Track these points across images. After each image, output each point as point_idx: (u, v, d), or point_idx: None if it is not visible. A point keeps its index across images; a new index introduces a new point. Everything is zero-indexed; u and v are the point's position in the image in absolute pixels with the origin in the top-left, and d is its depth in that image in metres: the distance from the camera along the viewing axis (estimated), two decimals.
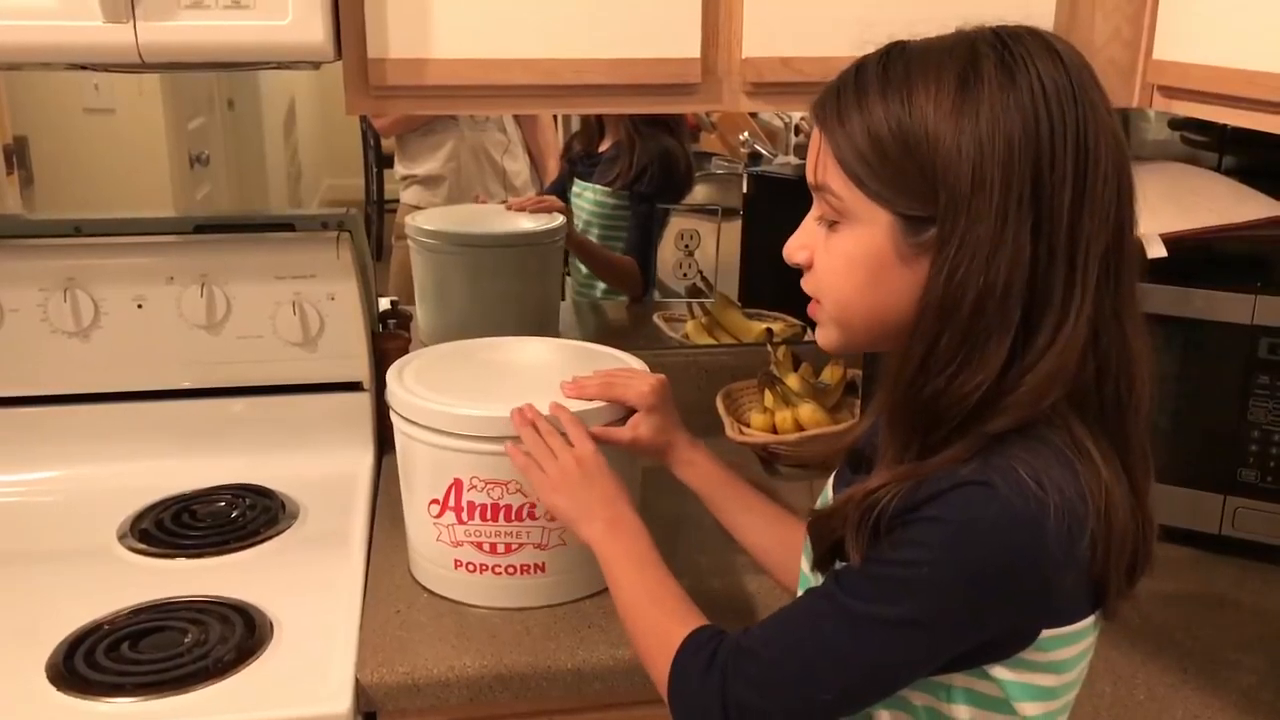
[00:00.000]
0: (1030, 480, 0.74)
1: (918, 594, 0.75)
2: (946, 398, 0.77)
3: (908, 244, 0.79)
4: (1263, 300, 1.30)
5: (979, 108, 0.75)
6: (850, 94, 0.80)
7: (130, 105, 2.42)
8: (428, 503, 1.23)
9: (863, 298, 0.82)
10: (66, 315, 1.50)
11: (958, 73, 0.76)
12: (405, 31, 1.22)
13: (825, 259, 0.84)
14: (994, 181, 0.74)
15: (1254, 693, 1.15)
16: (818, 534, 0.86)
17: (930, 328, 0.77)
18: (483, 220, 2.06)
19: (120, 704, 1.09)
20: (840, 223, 0.82)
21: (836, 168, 0.80)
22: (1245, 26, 1.13)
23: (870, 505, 0.78)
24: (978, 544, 0.74)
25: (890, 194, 0.78)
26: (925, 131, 0.76)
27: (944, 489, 0.75)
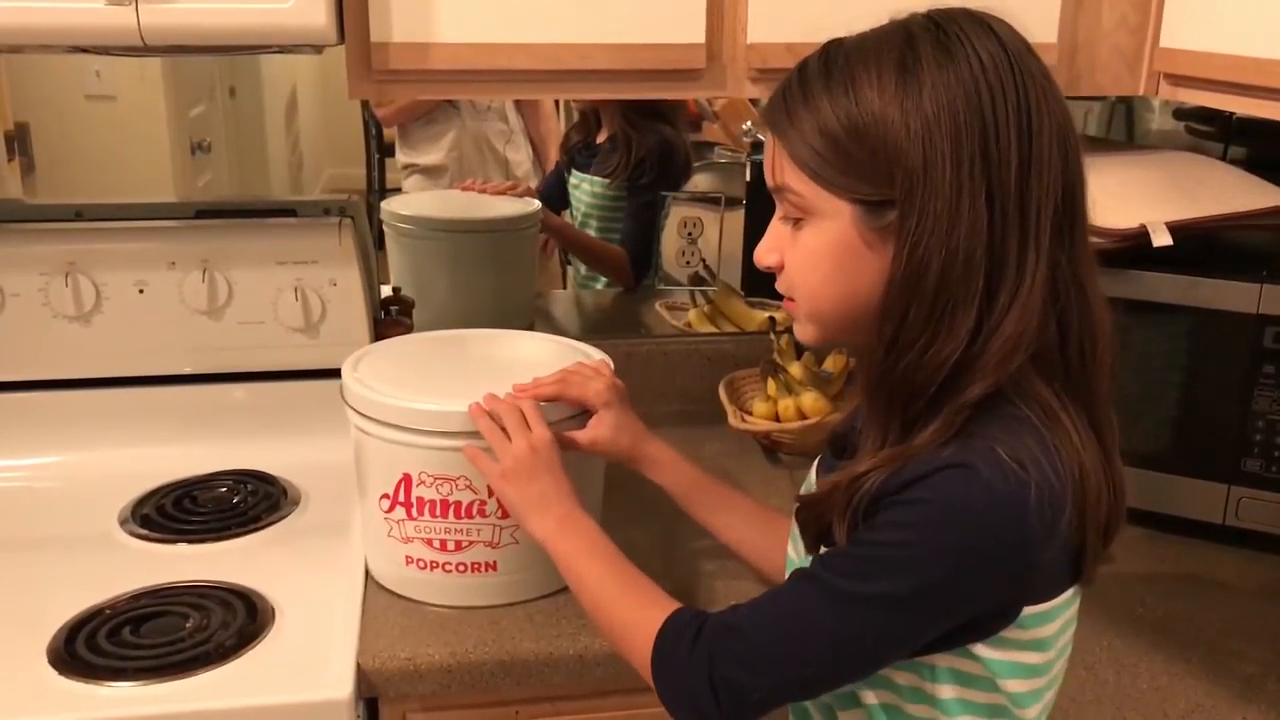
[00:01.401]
0: (1010, 460, 0.75)
1: (900, 573, 0.77)
2: (920, 371, 0.79)
3: (871, 229, 0.81)
4: (1268, 289, 1.30)
5: (921, 87, 0.77)
6: (796, 94, 0.82)
7: (131, 92, 2.42)
8: (378, 497, 1.22)
9: (833, 288, 0.84)
10: (68, 300, 1.49)
11: (896, 57, 0.79)
12: (408, 15, 1.22)
13: (794, 257, 0.86)
14: (944, 156, 0.76)
15: (1257, 682, 1.14)
16: (806, 519, 0.87)
17: (897, 304, 0.79)
18: (457, 206, 2.05)
19: (122, 688, 1.08)
20: (804, 220, 0.84)
21: (793, 167, 0.83)
22: (1253, 13, 1.12)
23: (856, 489, 0.79)
24: (960, 525, 0.75)
25: (847, 183, 0.80)
26: (873, 117, 0.78)
27: (926, 472, 0.76)
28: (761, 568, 1.13)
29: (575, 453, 1.16)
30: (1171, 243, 1.27)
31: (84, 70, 2.33)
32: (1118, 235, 1.29)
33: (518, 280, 1.96)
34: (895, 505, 0.77)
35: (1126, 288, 1.33)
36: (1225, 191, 1.35)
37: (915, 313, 0.78)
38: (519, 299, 1.96)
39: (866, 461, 0.80)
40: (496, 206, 2.02)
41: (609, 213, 2.04)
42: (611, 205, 2.04)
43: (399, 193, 2.12)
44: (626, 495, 1.50)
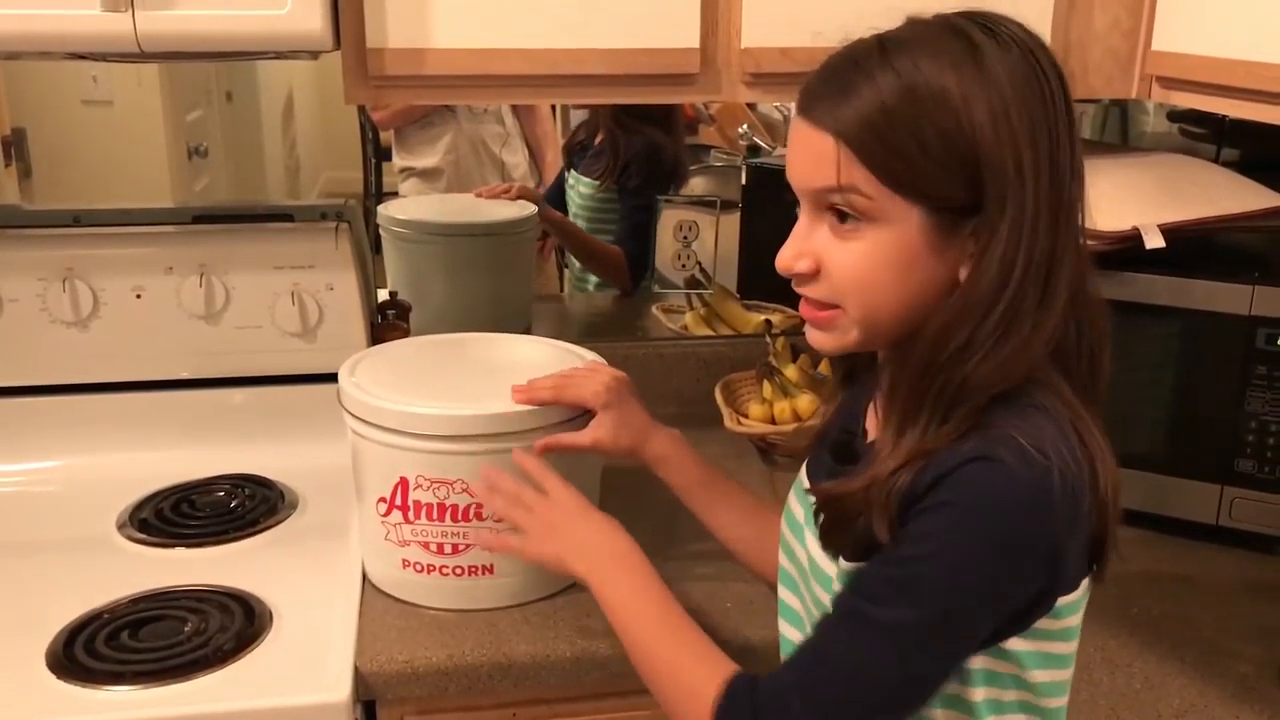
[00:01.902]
0: (1032, 448, 0.75)
1: (943, 586, 0.75)
2: (980, 374, 0.77)
3: (939, 234, 0.78)
4: (1261, 291, 1.30)
5: (1001, 89, 0.76)
6: (862, 89, 0.77)
7: (128, 97, 2.42)
8: (375, 501, 1.22)
9: (894, 295, 0.81)
10: (65, 305, 1.50)
11: (965, 51, 0.76)
12: (404, 21, 1.22)
13: (845, 261, 0.81)
14: (1029, 161, 0.76)
15: (1250, 682, 1.15)
16: (836, 517, 0.84)
17: (975, 310, 0.77)
18: (453, 210, 2.05)
19: (120, 692, 1.09)
20: (862, 223, 0.79)
21: (861, 167, 0.77)
22: (1245, 17, 1.13)
23: (892, 485, 0.78)
24: (991, 519, 0.75)
25: (926, 186, 0.77)
26: (959, 119, 0.75)
27: (949, 468, 0.75)
28: (755, 566, 1.13)
29: (576, 455, 1.16)
30: (1164, 244, 1.27)
31: (81, 75, 2.34)
32: (1111, 237, 1.29)
33: (514, 284, 1.97)
34: (924, 513, 0.76)
35: (1120, 289, 1.34)
36: (1218, 193, 1.36)
37: (993, 318, 0.77)
38: (516, 302, 1.96)
39: (896, 457, 0.79)
40: (493, 210, 2.02)
41: (601, 214, 2.05)
42: (602, 207, 2.04)
43: (396, 196, 2.13)
44: (624, 496, 1.50)
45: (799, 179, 0.82)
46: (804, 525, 0.94)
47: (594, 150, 2.06)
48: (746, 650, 1.18)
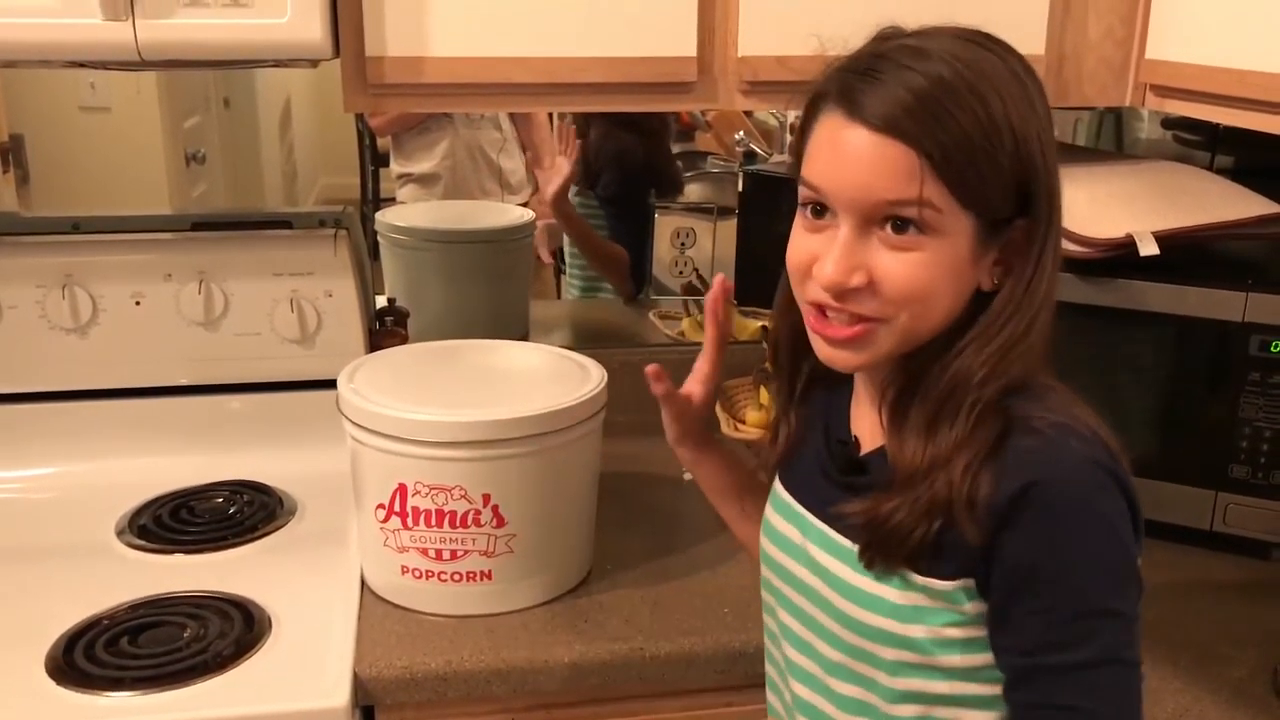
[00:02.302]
0: (1082, 429, 0.79)
1: (1115, 594, 0.78)
2: (1012, 382, 0.81)
3: (980, 245, 0.81)
4: (1254, 298, 1.31)
5: (1034, 99, 0.80)
6: (934, 102, 0.77)
7: (126, 104, 2.43)
8: (374, 507, 1.22)
9: (944, 305, 0.82)
10: (65, 312, 1.50)
11: (1011, 68, 0.80)
12: (403, 29, 1.23)
13: (902, 273, 0.80)
14: (1054, 167, 0.81)
15: (1244, 686, 1.15)
16: (890, 531, 0.82)
17: (1020, 320, 0.81)
18: (451, 216, 2.06)
19: (119, 698, 1.09)
20: (923, 236, 0.79)
21: (936, 180, 0.77)
22: (1237, 26, 1.14)
23: (972, 489, 0.78)
24: (1099, 516, 0.77)
25: (984, 197, 0.79)
26: (1012, 130, 0.78)
27: (1031, 480, 0.77)
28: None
29: (574, 462, 1.16)
30: (1158, 252, 1.28)
31: (79, 82, 2.34)
32: (1105, 245, 1.30)
33: (512, 291, 1.97)
34: (1042, 546, 0.77)
35: (1113, 296, 1.35)
36: (1211, 201, 1.37)
37: (1040, 327, 0.81)
38: (513, 309, 1.97)
39: (954, 459, 0.79)
40: (491, 217, 2.03)
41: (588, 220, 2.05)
42: (586, 214, 2.05)
43: (393, 202, 2.13)
44: (622, 503, 1.51)
45: (860, 190, 0.79)
46: (805, 545, 0.92)
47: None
48: (742, 656, 1.19)
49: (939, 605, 0.82)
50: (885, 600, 0.84)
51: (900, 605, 0.83)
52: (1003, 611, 0.79)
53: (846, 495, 0.87)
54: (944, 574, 0.81)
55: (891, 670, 0.85)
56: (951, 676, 0.84)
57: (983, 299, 0.83)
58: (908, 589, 0.83)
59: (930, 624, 0.82)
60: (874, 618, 0.85)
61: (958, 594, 0.81)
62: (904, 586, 0.83)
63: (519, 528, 1.21)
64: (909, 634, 0.83)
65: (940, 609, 0.82)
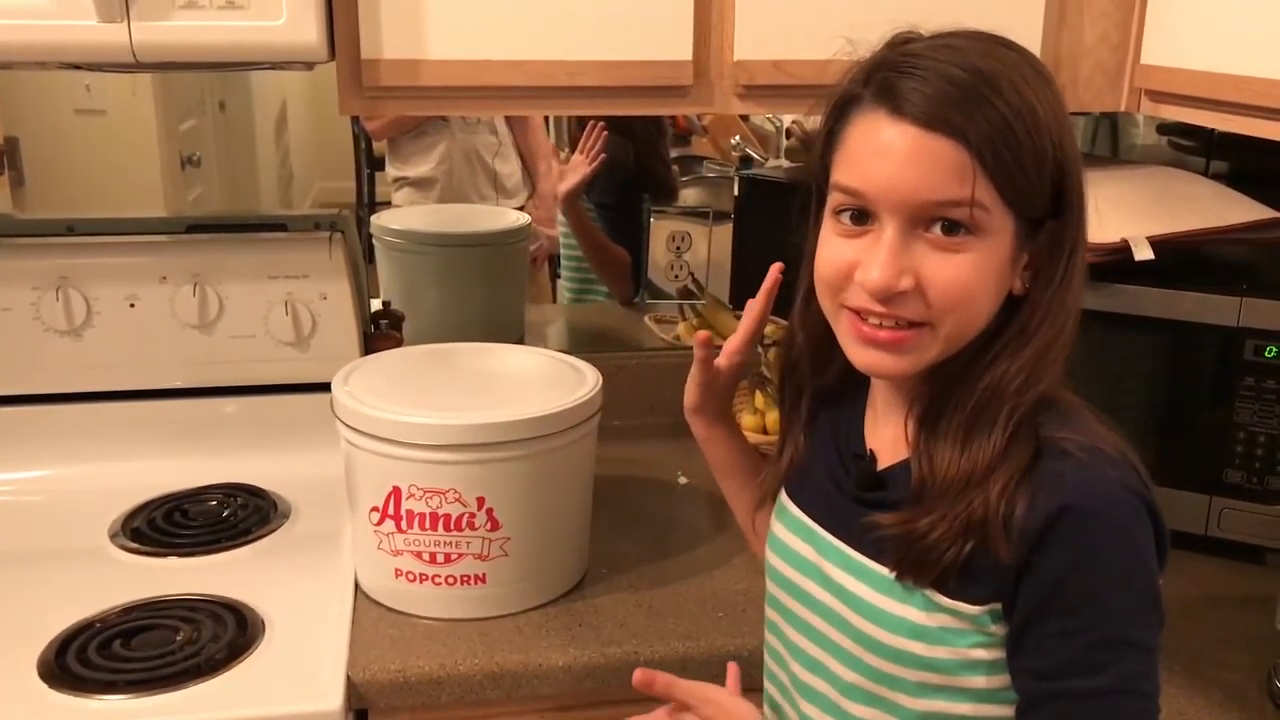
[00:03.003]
0: (1114, 454, 0.78)
1: (1138, 621, 0.77)
2: (1038, 382, 0.80)
3: (1018, 245, 0.80)
4: (1249, 303, 1.31)
5: (1059, 101, 0.80)
6: (980, 100, 0.76)
7: (122, 107, 2.42)
8: (368, 510, 1.22)
9: (988, 306, 0.81)
10: (59, 314, 1.50)
11: (1039, 70, 0.80)
12: (399, 32, 1.23)
13: (952, 275, 0.78)
14: (1081, 169, 0.81)
15: (1239, 691, 1.16)
16: (925, 548, 0.80)
17: (1053, 327, 0.80)
18: (447, 220, 2.06)
19: (112, 701, 1.09)
20: (972, 236, 0.78)
21: (988, 182, 0.76)
22: (1233, 31, 1.14)
23: (1008, 512, 0.77)
24: (1129, 543, 0.77)
25: (1026, 198, 0.78)
26: (1048, 132, 0.78)
27: (1065, 504, 0.76)
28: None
29: (569, 465, 1.15)
30: (1153, 257, 1.28)
31: (74, 85, 2.33)
32: (1100, 249, 1.30)
33: (508, 294, 1.97)
34: (1073, 568, 0.76)
35: (1109, 301, 1.35)
36: (1206, 206, 1.37)
37: (1064, 329, 0.81)
38: (509, 313, 1.97)
39: (996, 479, 0.78)
40: (486, 221, 2.03)
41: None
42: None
43: (389, 206, 2.13)
44: (617, 507, 1.51)
45: (909, 190, 0.77)
46: (821, 563, 0.90)
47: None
48: (735, 660, 1.19)
49: (966, 627, 0.80)
50: (909, 621, 0.82)
51: (926, 627, 0.82)
52: (1024, 633, 0.78)
53: (864, 511, 0.86)
54: (973, 597, 0.80)
55: (914, 692, 0.83)
56: (976, 698, 0.82)
57: (1010, 305, 0.82)
58: (933, 610, 0.81)
59: (956, 646, 0.81)
60: (896, 639, 0.83)
61: (985, 617, 0.80)
62: (929, 608, 0.81)
63: (513, 531, 1.21)
64: (934, 655, 0.81)
65: (967, 630, 0.80)
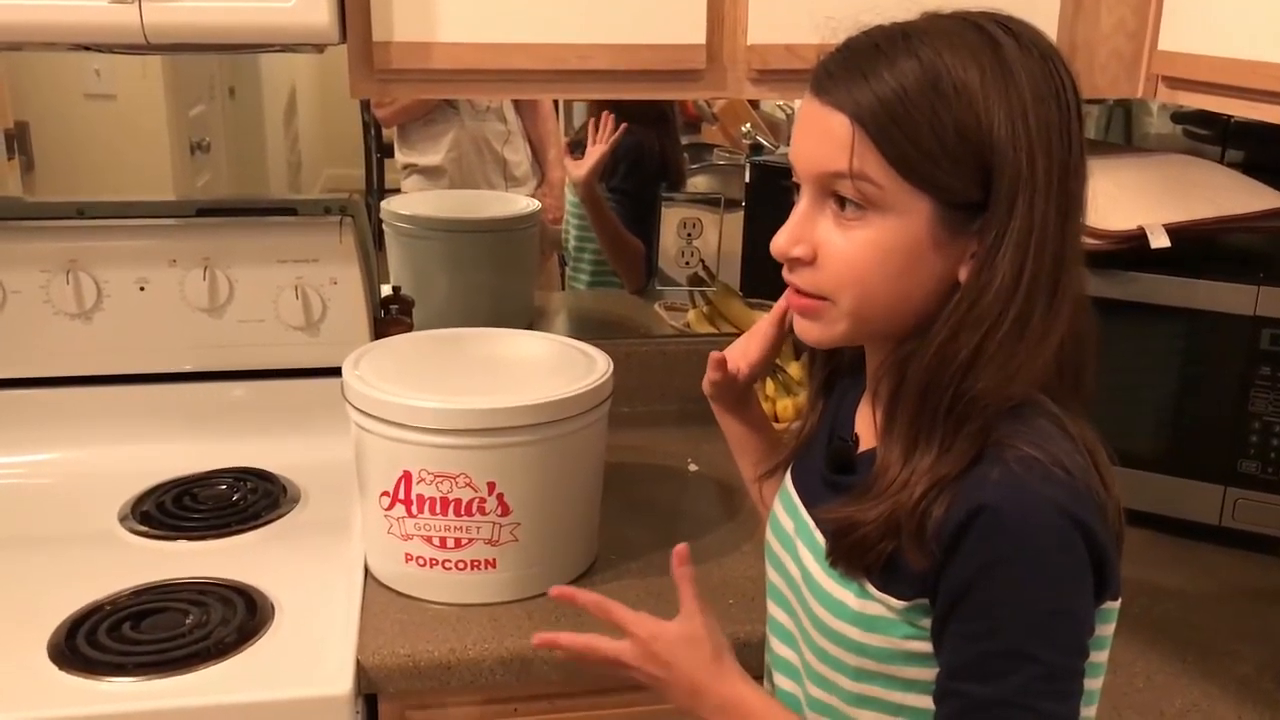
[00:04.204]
0: (1053, 466, 0.73)
1: (1038, 637, 0.73)
2: (991, 387, 0.75)
3: (946, 231, 0.76)
4: (1265, 291, 1.30)
5: (1017, 82, 0.74)
6: (882, 74, 0.75)
7: (131, 91, 2.42)
8: (379, 495, 1.22)
9: (891, 289, 0.78)
10: (69, 297, 1.50)
11: (990, 49, 0.75)
12: (410, 15, 1.22)
13: (844, 251, 0.78)
14: (1040, 159, 0.74)
15: (1252, 682, 1.15)
16: (853, 543, 0.80)
17: (987, 315, 0.75)
18: (456, 205, 2.05)
19: (122, 683, 1.09)
20: (867, 212, 0.77)
21: (877, 154, 0.75)
22: (1250, 17, 1.13)
23: (922, 516, 0.76)
24: (1043, 558, 0.73)
25: (939, 179, 0.75)
26: (976, 111, 0.74)
27: (980, 506, 0.73)
28: None
29: (580, 451, 1.15)
30: (1169, 245, 1.28)
31: (84, 69, 2.33)
32: (1116, 237, 1.29)
33: (517, 280, 1.97)
34: (979, 574, 0.73)
35: (1124, 289, 1.34)
36: (1222, 194, 1.36)
37: (1003, 327, 0.75)
38: (518, 298, 1.96)
39: (917, 484, 0.76)
40: (496, 206, 2.02)
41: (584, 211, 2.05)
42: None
43: (398, 193, 2.12)
44: (627, 493, 1.51)
45: (806, 161, 0.79)
46: (795, 538, 0.92)
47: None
48: (746, 647, 1.18)
49: (896, 619, 0.80)
50: (846, 606, 0.82)
51: (861, 613, 0.82)
52: (941, 629, 0.77)
53: (832, 493, 0.86)
54: (898, 593, 0.79)
55: (852, 676, 0.83)
56: (911, 689, 0.82)
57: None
58: (866, 599, 0.81)
59: (889, 635, 0.81)
60: (837, 622, 0.83)
61: (913, 612, 0.79)
62: (863, 596, 0.81)
63: (523, 516, 1.21)
64: (869, 642, 0.81)
65: (898, 622, 0.80)
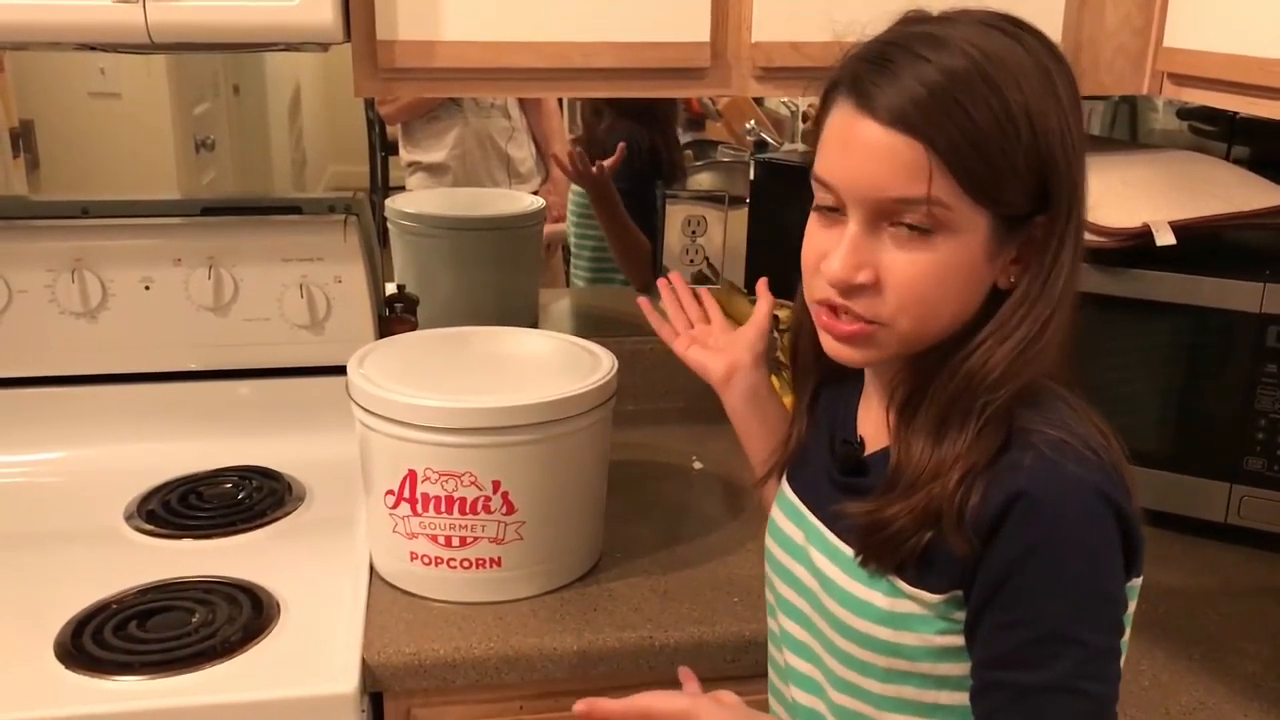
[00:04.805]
0: (1082, 448, 0.76)
1: (1078, 622, 0.74)
2: (1014, 375, 0.78)
3: (996, 242, 0.78)
4: (1271, 289, 1.30)
5: (1058, 90, 0.77)
6: (946, 95, 0.74)
7: (136, 90, 2.42)
8: (384, 493, 1.22)
9: (953, 306, 0.79)
10: (74, 296, 1.50)
11: (1035, 64, 0.76)
12: (414, 14, 1.22)
13: (909, 273, 0.78)
14: (1078, 167, 0.78)
15: (1258, 680, 1.15)
16: (887, 537, 0.80)
17: (1034, 322, 0.78)
18: (461, 203, 2.05)
19: (128, 682, 1.09)
20: (933, 234, 0.76)
21: (947, 177, 0.75)
22: (1256, 13, 1.12)
23: (960, 506, 0.76)
24: (1080, 543, 0.75)
25: (1001, 195, 0.76)
26: (1032, 124, 0.75)
27: (1017, 492, 0.74)
28: None
29: (584, 449, 1.15)
30: (1175, 242, 1.27)
31: (89, 68, 2.34)
32: (1121, 234, 1.29)
33: (521, 278, 1.97)
34: (1017, 563, 0.74)
35: (1129, 286, 1.34)
36: (1228, 191, 1.36)
37: (1052, 332, 0.78)
38: (523, 296, 1.96)
39: (953, 470, 0.77)
40: (500, 204, 2.02)
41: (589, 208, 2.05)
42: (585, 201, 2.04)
43: (402, 190, 2.13)
44: (632, 491, 1.51)
45: (868, 187, 0.77)
46: (807, 546, 0.91)
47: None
48: (751, 645, 1.18)
49: (929, 614, 0.80)
50: (874, 606, 0.82)
51: (891, 612, 0.82)
52: (977, 621, 0.78)
53: (845, 496, 0.86)
54: (933, 586, 0.79)
55: (883, 678, 0.83)
56: (943, 685, 0.82)
57: (999, 296, 0.81)
58: (897, 596, 0.81)
59: (922, 632, 0.81)
60: (864, 623, 0.83)
61: (947, 605, 0.79)
62: (893, 593, 0.82)
63: (528, 515, 1.21)
64: (900, 641, 0.81)
65: (930, 618, 0.80)
